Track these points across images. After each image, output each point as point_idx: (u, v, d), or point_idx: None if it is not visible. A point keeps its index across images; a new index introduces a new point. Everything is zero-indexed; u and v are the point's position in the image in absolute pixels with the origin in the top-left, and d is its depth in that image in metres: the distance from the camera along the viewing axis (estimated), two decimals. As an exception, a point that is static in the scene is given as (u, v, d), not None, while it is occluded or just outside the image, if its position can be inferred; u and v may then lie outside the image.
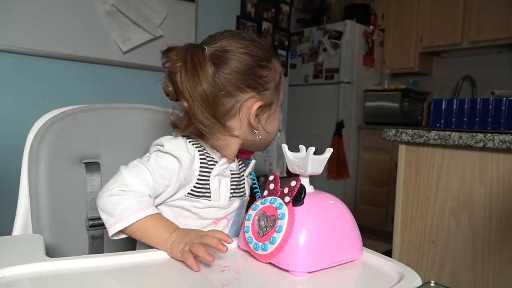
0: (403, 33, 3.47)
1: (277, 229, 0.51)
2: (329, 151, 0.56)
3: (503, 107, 1.19)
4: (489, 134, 1.06)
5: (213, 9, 2.82)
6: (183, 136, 0.67)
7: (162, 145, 0.64)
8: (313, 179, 0.58)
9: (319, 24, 3.54)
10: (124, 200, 0.58)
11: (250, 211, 0.58)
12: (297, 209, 0.52)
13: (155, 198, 0.63)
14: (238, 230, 0.69)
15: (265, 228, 0.54)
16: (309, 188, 0.57)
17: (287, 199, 0.53)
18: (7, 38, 1.82)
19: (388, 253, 0.86)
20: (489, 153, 1.10)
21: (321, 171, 0.56)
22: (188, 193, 0.65)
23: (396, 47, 3.53)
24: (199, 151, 0.65)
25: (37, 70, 1.93)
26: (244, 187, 0.72)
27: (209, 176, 0.65)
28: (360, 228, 0.58)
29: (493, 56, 3.21)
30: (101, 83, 2.15)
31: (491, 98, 1.23)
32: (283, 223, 0.51)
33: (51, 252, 0.62)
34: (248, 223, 0.57)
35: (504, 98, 1.19)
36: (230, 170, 0.69)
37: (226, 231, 0.68)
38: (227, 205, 0.68)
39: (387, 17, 3.57)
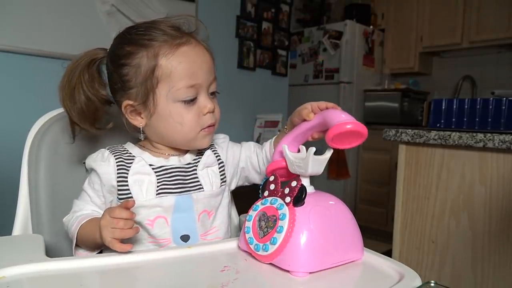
0: (403, 33, 3.47)
1: (278, 229, 0.51)
2: (329, 151, 0.56)
3: (503, 107, 1.19)
4: (489, 134, 1.06)
5: (213, 9, 2.82)
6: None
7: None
8: (313, 179, 0.58)
9: (319, 24, 3.54)
10: (68, 225, 0.67)
11: (251, 212, 0.58)
12: (298, 209, 0.52)
13: None
14: (189, 227, 0.67)
15: (266, 229, 0.54)
16: (309, 189, 0.57)
17: (287, 199, 0.53)
18: (7, 38, 1.82)
19: (388, 253, 0.86)
20: (489, 153, 1.10)
21: (322, 171, 0.56)
22: (118, 199, 0.66)
23: (396, 47, 3.53)
24: (115, 155, 0.68)
25: (37, 70, 1.93)
26: (196, 181, 0.70)
27: (127, 176, 0.66)
28: (360, 228, 0.58)
29: (493, 56, 3.21)
30: (101, 83, 2.15)
31: (491, 98, 1.23)
32: (284, 224, 0.51)
33: (51, 252, 0.62)
34: (248, 224, 0.57)
35: (504, 98, 1.19)
36: (164, 166, 0.68)
37: (168, 231, 0.66)
38: (155, 203, 0.65)
39: (387, 17, 3.57)
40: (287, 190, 0.54)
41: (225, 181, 0.74)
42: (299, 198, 0.52)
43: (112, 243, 0.55)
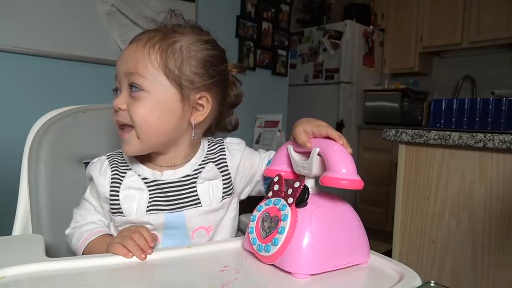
0: (403, 33, 3.47)
1: (279, 230, 0.51)
2: None
3: (503, 107, 1.19)
4: (489, 134, 1.06)
5: (213, 9, 2.82)
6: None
7: None
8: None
9: (319, 24, 3.54)
10: (72, 238, 0.67)
11: (255, 212, 0.57)
12: (300, 210, 0.52)
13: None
14: (181, 244, 0.62)
15: (268, 230, 0.53)
16: (315, 190, 0.56)
17: (290, 200, 0.53)
18: (7, 38, 1.81)
19: (388, 253, 0.86)
20: (489, 153, 1.10)
21: None
22: (111, 212, 0.66)
23: (396, 47, 3.53)
24: (111, 166, 0.67)
25: (37, 70, 1.93)
26: (194, 195, 0.65)
27: (118, 191, 0.64)
28: (361, 228, 0.57)
29: (493, 56, 3.21)
30: (101, 83, 2.14)
31: (491, 98, 1.23)
32: (286, 225, 0.51)
33: (51, 252, 0.62)
34: (252, 224, 0.56)
35: (504, 98, 1.19)
36: (157, 180, 0.65)
37: (159, 247, 0.62)
38: (145, 220, 0.63)
39: (387, 17, 3.57)
40: (290, 191, 0.53)
41: (229, 194, 0.69)
42: (301, 199, 0.52)
43: (115, 245, 0.54)
